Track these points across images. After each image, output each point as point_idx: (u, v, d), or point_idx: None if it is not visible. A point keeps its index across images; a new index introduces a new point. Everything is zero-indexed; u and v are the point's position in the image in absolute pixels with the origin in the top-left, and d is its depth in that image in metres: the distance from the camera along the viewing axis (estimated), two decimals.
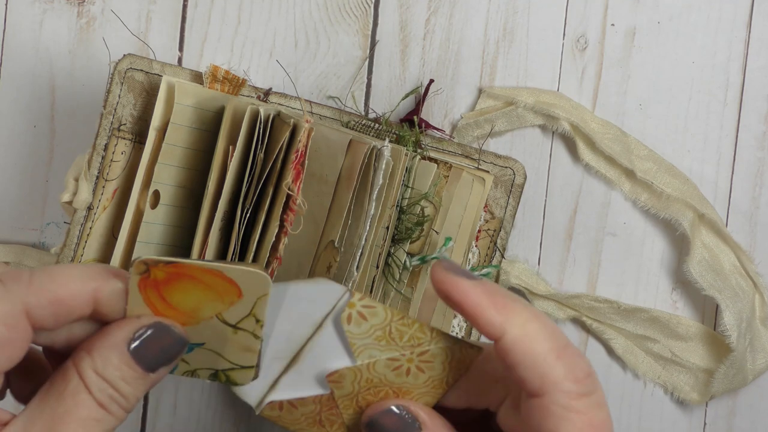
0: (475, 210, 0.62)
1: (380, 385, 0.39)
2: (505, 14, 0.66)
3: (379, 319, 0.38)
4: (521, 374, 0.36)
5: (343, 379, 0.39)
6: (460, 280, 0.37)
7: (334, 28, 0.65)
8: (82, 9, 0.64)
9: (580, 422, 0.36)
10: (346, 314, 0.38)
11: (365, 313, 0.38)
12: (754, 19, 0.67)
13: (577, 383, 0.37)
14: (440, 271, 0.37)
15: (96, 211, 0.58)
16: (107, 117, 0.57)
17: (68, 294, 0.36)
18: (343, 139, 0.56)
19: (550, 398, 0.36)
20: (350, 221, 0.56)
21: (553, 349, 0.37)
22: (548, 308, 0.66)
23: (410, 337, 0.38)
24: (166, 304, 0.37)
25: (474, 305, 0.37)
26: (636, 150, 0.66)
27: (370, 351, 0.38)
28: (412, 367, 0.39)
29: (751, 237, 0.68)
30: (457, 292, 0.37)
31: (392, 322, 0.38)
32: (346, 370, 0.38)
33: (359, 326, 0.38)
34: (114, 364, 0.36)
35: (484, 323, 0.37)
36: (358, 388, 0.39)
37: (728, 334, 0.65)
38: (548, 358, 0.36)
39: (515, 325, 0.37)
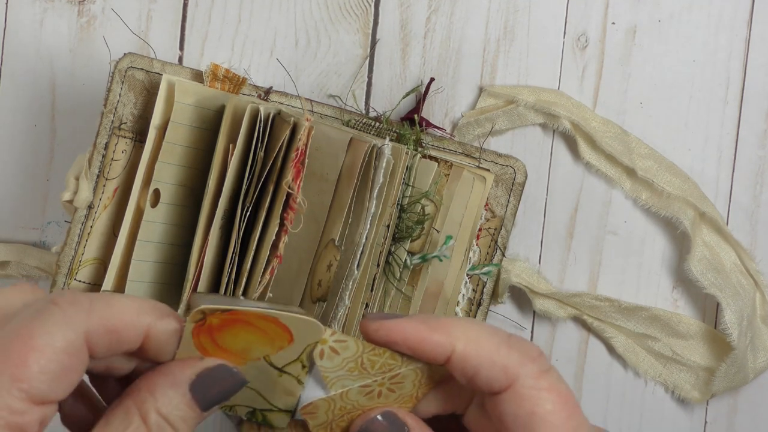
0: (476, 208, 0.62)
1: (353, 410, 0.39)
2: (505, 13, 0.66)
3: (350, 351, 0.38)
4: (484, 375, 0.38)
5: (317, 410, 0.39)
6: (392, 321, 0.39)
7: (335, 27, 0.65)
8: (82, 8, 0.64)
9: (552, 397, 0.37)
10: (318, 350, 0.38)
11: (337, 347, 0.38)
12: (754, 16, 0.67)
13: (535, 362, 0.38)
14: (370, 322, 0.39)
15: (97, 210, 0.58)
16: (108, 116, 0.57)
17: (124, 325, 0.36)
18: (343, 138, 0.56)
19: (519, 384, 0.38)
20: (351, 220, 0.56)
21: (501, 341, 0.38)
22: (549, 307, 0.66)
23: (381, 364, 0.39)
24: (217, 346, 0.38)
25: (415, 335, 0.38)
26: (637, 148, 0.66)
27: (342, 381, 0.39)
28: (383, 390, 0.39)
29: (752, 235, 0.68)
30: (397, 331, 0.38)
31: (363, 354, 0.38)
32: (320, 401, 0.39)
33: (332, 360, 0.38)
34: (175, 404, 0.36)
35: (432, 347, 0.38)
36: (332, 416, 0.39)
37: (729, 332, 0.65)
38: (501, 350, 0.38)
39: (457, 337, 0.38)
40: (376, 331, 0.38)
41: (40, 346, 0.34)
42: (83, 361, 0.35)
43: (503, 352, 0.38)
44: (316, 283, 0.56)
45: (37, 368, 0.33)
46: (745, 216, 0.68)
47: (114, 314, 0.36)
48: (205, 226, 0.55)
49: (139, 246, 0.56)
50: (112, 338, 0.36)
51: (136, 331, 0.36)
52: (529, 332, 0.68)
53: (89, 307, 0.35)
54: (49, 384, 0.34)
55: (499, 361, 0.38)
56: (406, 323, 0.38)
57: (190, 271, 0.55)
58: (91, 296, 0.36)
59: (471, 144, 0.64)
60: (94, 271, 0.58)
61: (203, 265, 0.55)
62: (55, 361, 0.34)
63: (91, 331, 0.35)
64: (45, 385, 0.34)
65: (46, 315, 0.35)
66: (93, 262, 0.58)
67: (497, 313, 0.67)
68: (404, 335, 0.38)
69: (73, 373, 0.35)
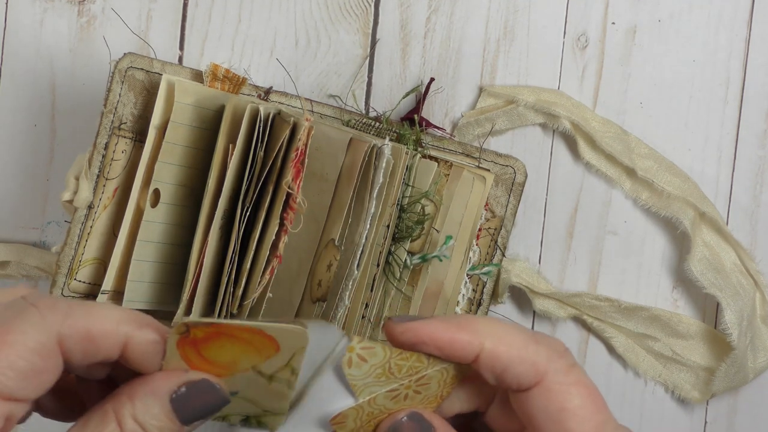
0: (476, 208, 0.62)
1: (380, 414, 0.39)
2: (505, 13, 0.66)
3: (378, 358, 0.38)
4: (514, 372, 0.38)
5: (347, 419, 0.39)
6: (417, 323, 0.39)
7: (335, 27, 0.65)
8: (82, 8, 0.64)
9: (581, 391, 0.38)
10: (346, 358, 0.38)
11: (364, 354, 0.38)
12: (754, 16, 0.67)
13: (563, 358, 0.39)
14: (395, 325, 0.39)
15: (97, 210, 0.58)
16: (108, 116, 0.57)
17: (101, 333, 0.36)
18: (343, 138, 0.56)
19: (549, 379, 0.38)
20: (351, 220, 0.56)
21: (528, 338, 0.38)
22: (549, 307, 0.66)
23: (408, 368, 0.39)
24: (203, 359, 0.38)
25: (444, 334, 0.38)
26: (637, 148, 0.66)
27: (370, 388, 0.39)
28: (410, 392, 0.39)
29: (752, 235, 0.68)
30: (424, 332, 0.38)
31: (391, 359, 0.38)
32: (349, 411, 0.39)
33: (360, 368, 0.38)
34: (154, 413, 0.36)
35: (461, 346, 0.38)
36: (359, 423, 0.39)
37: (729, 332, 0.65)
38: (529, 347, 0.38)
39: (485, 335, 0.38)
40: (403, 333, 0.38)
41: (11, 343, 0.34)
42: (56, 365, 0.35)
43: (531, 348, 0.38)
44: (316, 283, 0.56)
45: (6, 363, 0.34)
46: (745, 216, 0.68)
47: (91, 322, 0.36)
48: (205, 226, 0.55)
49: (139, 246, 0.56)
50: (88, 346, 0.36)
51: (114, 340, 0.36)
52: None
53: (66, 312, 0.35)
54: (16, 381, 0.34)
55: (528, 358, 0.38)
56: (433, 324, 0.38)
57: (189, 271, 0.55)
58: (71, 303, 0.36)
59: (471, 144, 0.64)
60: (94, 271, 0.58)
61: (203, 265, 0.55)
62: (24, 359, 0.34)
63: (65, 336, 0.35)
64: (12, 381, 0.34)
65: (23, 315, 0.35)
66: (93, 262, 0.58)
67: (497, 313, 0.67)
68: (432, 336, 0.38)
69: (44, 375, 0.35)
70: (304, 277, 0.57)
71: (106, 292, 0.57)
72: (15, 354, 0.34)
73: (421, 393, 0.39)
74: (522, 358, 0.38)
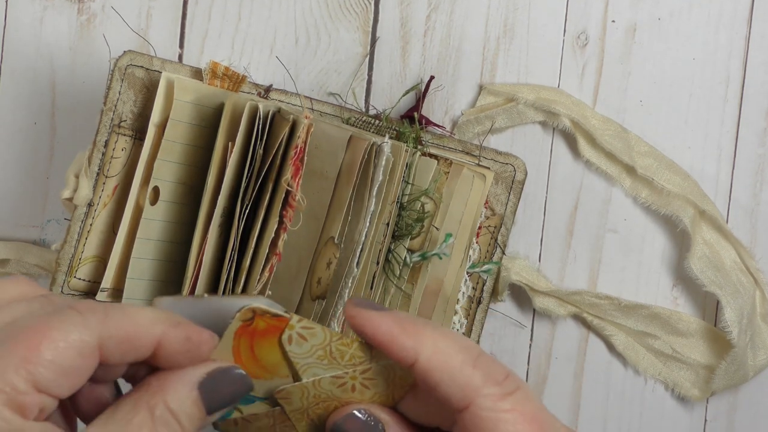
0: (476, 206, 0.62)
1: (328, 399, 0.40)
2: (505, 11, 0.66)
3: (318, 339, 0.38)
4: (443, 391, 0.37)
5: (291, 396, 0.39)
6: (369, 313, 0.38)
7: (335, 25, 0.65)
8: (82, 6, 0.64)
9: (513, 419, 0.37)
10: (286, 335, 0.38)
11: (304, 334, 0.38)
12: (754, 15, 0.67)
13: (498, 385, 0.37)
14: (351, 307, 0.39)
15: (96, 208, 0.58)
16: (107, 114, 0.57)
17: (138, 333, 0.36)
18: (343, 136, 0.56)
19: (476, 405, 0.37)
20: (350, 217, 0.56)
21: (467, 360, 0.37)
22: (549, 305, 0.66)
23: (351, 356, 0.39)
24: (251, 354, 0.38)
25: (385, 334, 0.38)
26: (636, 146, 0.66)
27: (313, 369, 0.39)
28: (356, 384, 0.39)
29: (752, 233, 0.68)
30: (370, 325, 0.38)
31: (332, 343, 0.38)
32: (293, 388, 0.39)
33: (300, 346, 0.38)
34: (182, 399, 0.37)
35: (398, 349, 0.38)
36: (307, 403, 0.40)
37: (729, 330, 0.64)
38: (464, 369, 0.37)
39: (426, 346, 0.37)
40: (352, 317, 0.38)
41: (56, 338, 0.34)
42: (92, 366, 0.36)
43: (466, 371, 0.37)
44: (315, 281, 0.56)
45: (49, 356, 0.34)
46: (744, 214, 0.68)
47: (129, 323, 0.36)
48: (204, 223, 0.55)
49: (138, 243, 0.56)
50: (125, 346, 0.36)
51: (150, 339, 0.37)
52: (529, 330, 0.68)
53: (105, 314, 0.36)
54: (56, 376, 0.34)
55: (458, 380, 0.37)
56: (380, 319, 0.38)
57: (189, 268, 0.55)
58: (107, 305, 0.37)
59: (471, 142, 0.64)
60: (94, 268, 0.58)
61: (202, 263, 0.55)
62: (67, 356, 0.34)
63: (105, 337, 0.36)
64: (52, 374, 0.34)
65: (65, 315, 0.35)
66: (93, 260, 0.58)
67: (497, 311, 0.67)
68: (375, 330, 0.38)
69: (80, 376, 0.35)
70: (303, 274, 0.57)
71: (105, 289, 0.57)
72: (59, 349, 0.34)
73: (370, 389, 0.39)
74: (453, 378, 0.37)
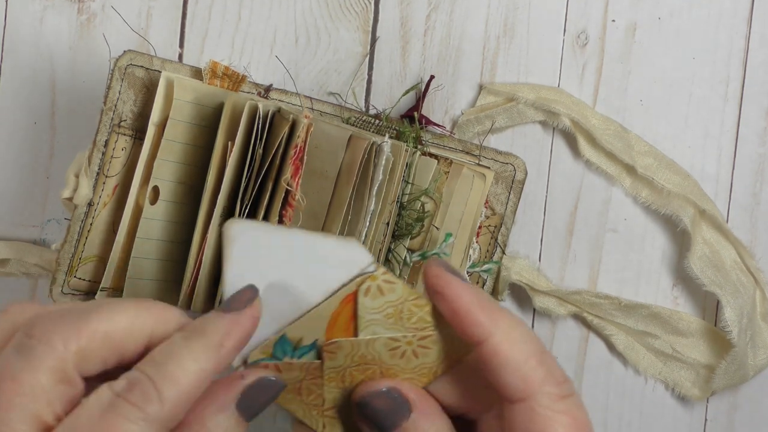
0: (476, 206, 0.62)
1: (371, 363, 0.39)
2: (505, 10, 0.66)
3: (395, 295, 0.38)
4: (505, 378, 0.37)
5: (339, 351, 0.38)
6: (454, 278, 0.38)
7: (335, 25, 0.65)
8: (82, 5, 0.64)
9: (565, 422, 0.37)
10: (365, 286, 0.37)
11: (384, 288, 0.38)
12: (754, 14, 0.67)
13: (559, 386, 0.38)
14: (436, 267, 0.38)
15: (96, 208, 0.58)
16: (107, 113, 0.57)
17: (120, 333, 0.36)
18: (343, 135, 0.56)
19: (535, 401, 0.37)
20: (350, 217, 0.56)
21: (534, 353, 0.38)
22: (549, 304, 0.66)
23: (418, 318, 0.38)
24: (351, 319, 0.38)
25: (466, 304, 0.38)
26: (637, 146, 0.66)
27: (374, 327, 0.38)
28: (408, 351, 0.39)
29: (752, 233, 0.68)
30: (451, 290, 0.38)
31: (406, 301, 0.38)
32: (346, 342, 0.38)
33: (374, 300, 0.38)
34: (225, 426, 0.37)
35: (472, 323, 0.38)
36: (349, 362, 0.39)
37: (729, 329, 0.64)
38: (530, 362, 0.37)
39: (500, 329, 0.37)
40: (436, 276, 0.38)
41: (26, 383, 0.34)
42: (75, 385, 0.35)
43: (532, 364, 0.37)
44: None
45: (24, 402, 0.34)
46: (745, 213, 0.68)
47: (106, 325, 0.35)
48: (204, 223, 0.55)
49: (138, 243, 0.56)
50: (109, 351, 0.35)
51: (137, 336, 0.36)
52: None
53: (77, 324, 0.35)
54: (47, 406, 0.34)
55: (522, 371, 0.37)
56: (463, 289, 0.38)
57: (189, 268, 0.55)
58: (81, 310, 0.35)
59: (471, 141, 0.64)
60: (94, 268, 0.58)
61: (202, 262, 0.55)
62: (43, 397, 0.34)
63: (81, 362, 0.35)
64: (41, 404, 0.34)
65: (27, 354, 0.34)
66: (93, 260, 0.58)
67: None
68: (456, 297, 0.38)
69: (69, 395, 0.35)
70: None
71: (105, 289, 0.57)
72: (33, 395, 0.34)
73: (418, 357, 0.39)
74: (518, 368, 0.37)
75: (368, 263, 0.37)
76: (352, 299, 0.37)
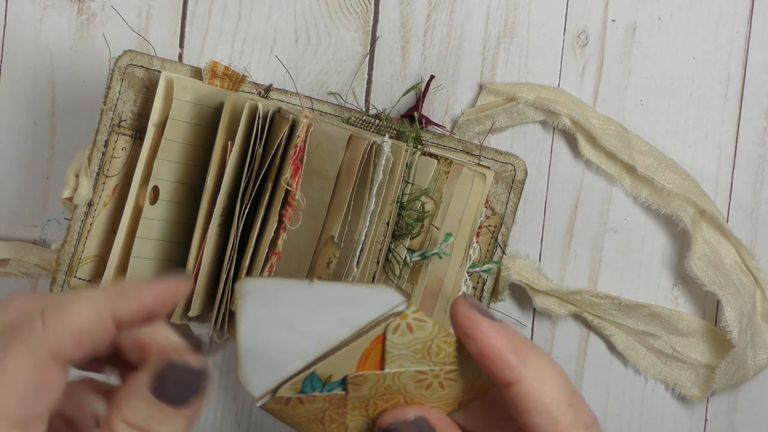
0: (476, 206, 0.62)
1: (396, 393, 0.39)
2: (505, 10, 0.66)
3: (424, 333, 0.37)
4: (535, 420, 0.37)
5: (365, 383, 0.38)
6: (483, 319, 0.38)
7: (335, 24, 0.65)
8: (82, 5, 0.64)
9: None
10: (395, 323, 0.37)
11: (414, 325, 0.37)
12: (754, 14, 0.67)
13: (587, 429, 0.38)
14: (466, 307, 0.38)
15: (96, 207, 0.58)
16: (107, 113, 0.57)
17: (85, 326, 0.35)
18: (343, 135, 0.56)
19: None
20: (350, 217, 0.56)
21: (564, 396, 0.38)
22: (549, 304, 0.66)
23: (446, 354, 0.38)
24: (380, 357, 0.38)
25: (496, 347, 0.37)
26: (637, 146, 0.66)
27: (401, 361, 0.38)
28: (435, 383, 0.39)
29: (752, 232, 0.68)
30: (482, 333, 0.37)
31: (436, 338, 0.38)
32: (372, 375, 0.38)
33: (402, 337, 0.37)
34: (142, 410, 0.36)
35: (502, 366, 0.37)
36: (374, 392, 0.39)
37: (729, 329, 0.64)
38: (561, 405, 0.37)
39: (532, 370, 0.37)
40: (467, 318, 0.37)
41: None
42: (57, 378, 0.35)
43: (562, 408, 0.37)
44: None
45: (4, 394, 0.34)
46: (745, 213, 0.68)
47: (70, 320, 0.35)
48: (204, 222, 0.55)
49: (138, 243, 0.56)
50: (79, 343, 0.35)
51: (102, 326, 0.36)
52: (530, 330, 0.68)
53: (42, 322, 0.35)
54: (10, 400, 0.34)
55: (552, 414, 0.37)
56: (494, 330, 0.37)
57: (188, 267, 0.55)
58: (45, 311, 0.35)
59: (471, 141, 0.64)
60: (94, 268, 0.58)
61: (202, 262, 0.55)
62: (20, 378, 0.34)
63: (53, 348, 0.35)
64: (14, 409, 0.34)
65: None
66: (93, 260, 0.58)
67: (497, 311, 0.67)
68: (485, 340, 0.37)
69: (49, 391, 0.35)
70: (303, 274, 0.57)
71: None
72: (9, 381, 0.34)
73: (444, 389, 0.39)
74: (548, 411, 0.37)
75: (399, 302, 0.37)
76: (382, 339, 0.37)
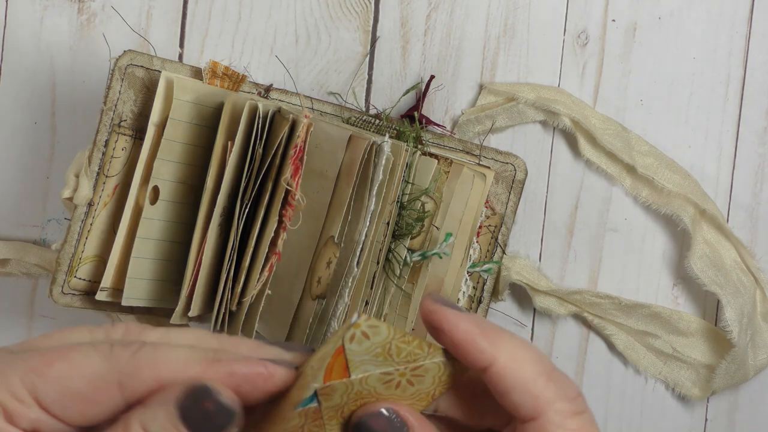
0: (476, 206, 0.62)
1: (368, 396, 0.39)
2: (505, 10, 0.66)
3: (381, 337, 0.38)
4: (514, 399, 0.37)
5: (334, 392, 0.39)
6: (449, 310, 0.38)
7: (335, 24, 0.65)
8: (82, 5, 0.64)
9: None
10: (350, 333, 0.37)
11: (369, 332, 0.38)
12: (754, 14, 0.67)
13: (570, 402, 0.38)
14: (430, 303, 0.38)
15: (96, 207, 0.58)
16: (108, 113, 0.57)
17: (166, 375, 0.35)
18: (343, 135, 0.56)
19: (546, 418, 0.37)
20: (350, 217, 0.56)
21: (542, 372, 0.37)
22: (549, 304, 0.66)
23: (408, 353, 0.38)
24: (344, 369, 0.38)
25: (464, 334, 0.38)
26: (637, 146, 0.66)
27: (365, 366, 0.38)
28: (402, 381, 0.39)
29: (752, 232, 0.68)
30: (448, 322, 0.38)
31: (393, 340, 0.38)
32: (340, 384, 0.38)
33: (361, 344, 0.38)
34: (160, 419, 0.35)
35: (474, 351, 0.37)
36: (346, 399, 0.39)
37: (729, 329, 0.64)
38: (539, 380, 0.37)
39: (504, 351, 0.37)
40: (432, 312, 0.38)
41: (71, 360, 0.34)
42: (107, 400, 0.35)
43: (540, 382, 0.37)
44: (315, 281, 0.56)
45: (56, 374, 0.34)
46: (745, 213, 0.68)
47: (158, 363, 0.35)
48: (204, 222, 0.55)
49: (138, 243, 0.56)
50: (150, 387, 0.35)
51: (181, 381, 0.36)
52: (530, 329, 0.68)
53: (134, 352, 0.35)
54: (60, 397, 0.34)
55: (532, 390, 0.37)
56: (461, 319, 0.38)
57: (188, 267, 0.55)
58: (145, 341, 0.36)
59: (471, 141, 0.64)
60: (94, 268, 0.58)
61: (202, 262, 0.55)
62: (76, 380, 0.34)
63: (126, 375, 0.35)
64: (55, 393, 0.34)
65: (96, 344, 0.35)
66: (93, 260, 0.58)
67: (497, 311, 0.67)
68: (453, 329, 0.38)
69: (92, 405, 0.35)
70: (303, 274, 0.57)
71: (105, 289, 0.57)
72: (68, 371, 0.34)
73: (414, 385, 0.39)
74: (526, 388, 0.37)
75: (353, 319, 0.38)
76: (341, 350, 0.37)
